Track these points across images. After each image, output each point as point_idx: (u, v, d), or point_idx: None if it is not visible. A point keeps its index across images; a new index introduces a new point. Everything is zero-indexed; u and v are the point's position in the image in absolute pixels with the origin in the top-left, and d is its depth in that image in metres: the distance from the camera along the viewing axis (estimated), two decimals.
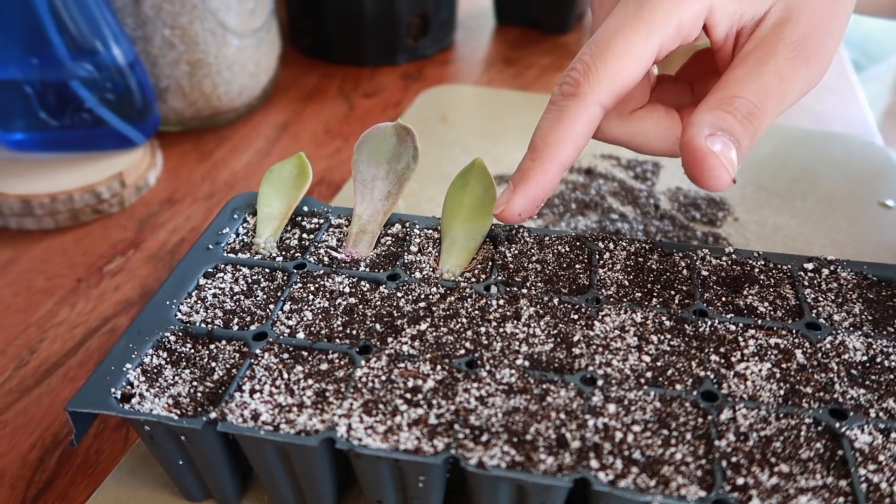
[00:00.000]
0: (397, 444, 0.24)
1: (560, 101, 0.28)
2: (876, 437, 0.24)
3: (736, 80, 0.27)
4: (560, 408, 0.25)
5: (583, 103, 0.27)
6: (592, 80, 0.27)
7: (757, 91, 0.27)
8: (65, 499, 0.32)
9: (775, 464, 0.23)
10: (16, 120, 0.49)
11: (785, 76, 0.27)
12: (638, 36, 0.27)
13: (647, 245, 0.33)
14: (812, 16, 0.28)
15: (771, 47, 0.27)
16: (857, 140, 0.55)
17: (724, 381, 0.26)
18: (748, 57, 0.28)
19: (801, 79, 0.27)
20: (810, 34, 0.27)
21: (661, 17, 0.27)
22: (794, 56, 0.27)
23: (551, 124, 0.28)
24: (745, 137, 0.27)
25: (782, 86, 0.27)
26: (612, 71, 0.27)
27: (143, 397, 0.26)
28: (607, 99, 0.28)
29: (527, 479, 0.23)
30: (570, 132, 0.28)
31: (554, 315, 0.29)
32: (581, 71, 0.27)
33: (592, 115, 0.28)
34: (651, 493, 0.23)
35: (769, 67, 0.27)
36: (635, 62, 0.27)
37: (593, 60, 0.27)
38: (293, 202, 0.35)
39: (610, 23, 0.28)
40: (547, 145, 0.28)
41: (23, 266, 0.45)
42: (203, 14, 0.52)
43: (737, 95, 0.27)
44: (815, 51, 0.27)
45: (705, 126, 0.26)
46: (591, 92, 0.27)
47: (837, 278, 0.31)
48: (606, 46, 0.27)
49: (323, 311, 0.30)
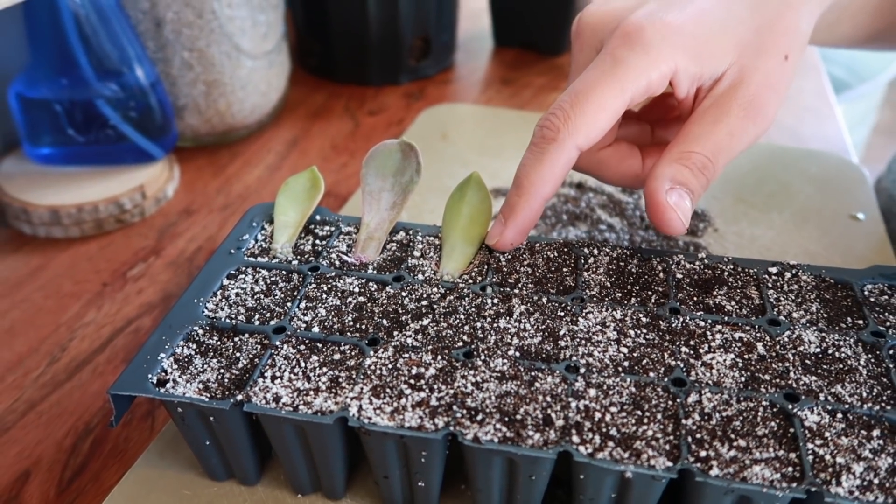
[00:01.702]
0: (402, 423, 0.27)
1: (541, 144, 0.32)
2: (824, 417, 0.27)
3: (694, 136, 0.32)
4: (546, 392, 0.29)
5: (562, 147, 0.31)
6: (571, 127, 0.31)
7: (711, 147, 0.31)
8: (98, 480, 0.35)
9: (734, 439, 0.27)
10: (45, 136, 0.53)
11: (735, 133, 0.32)
12: (612, 91, 0.31)
13: (627, 251, 0.36)
14: (762, 78, 0.32)
15: (725, 106, 0.32)
16: (831, 157, 0.58)
17: (693, 370, 0.30)
18: (705, 114, 0.32)
19: (749, 134, 0.32)
20: (759, 94, 0.32)
21: (634, 76, 0.31)
22: (744, 115, 0.32)
23: (533, 165, 0.32)
24: (698, 187, 0.32)
25: (733, 142, 0.32)
26: (589, 121, 0.31)
27: (175, 383, 0.29)
28: (583, 144, 0.32)
29: (516, 451, 0.26)
30: (550, 173, 0.32)
31: (542, 312, 0.32)
32: (561, 118, 0.31)
33: (569, 157, 0.32)
34: (624, 463, 0.26)
35: (722, 126, 0.32)
36: (608, 114, 0.31)
37: (573, 109, 0.31)
38: (307, 211, 0.38)
39: (589, 75, 0.32)
40: (530, 183, 0.32)
41: (52, 272, 0.48)
42: (219, 38, 0.56)
43: (693, 151, 0.31)
44: (762, 109, 0.32)
45: (666, 180, 0.31)
46: (570, 138, 0.31)
47: (798, 281, 0.34)
48: (585, 98, 0.31)
49: (335, 308, 0.33)
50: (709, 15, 0.32)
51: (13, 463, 0.36)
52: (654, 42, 0.31)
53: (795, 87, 0.73)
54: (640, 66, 0.31)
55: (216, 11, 0.55)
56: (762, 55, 0.32)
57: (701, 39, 0.32)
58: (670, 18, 0.32)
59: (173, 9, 0.54)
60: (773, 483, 0.25)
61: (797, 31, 0.33)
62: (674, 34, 0.31)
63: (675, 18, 0.32)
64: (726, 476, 0.25)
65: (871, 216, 0.51)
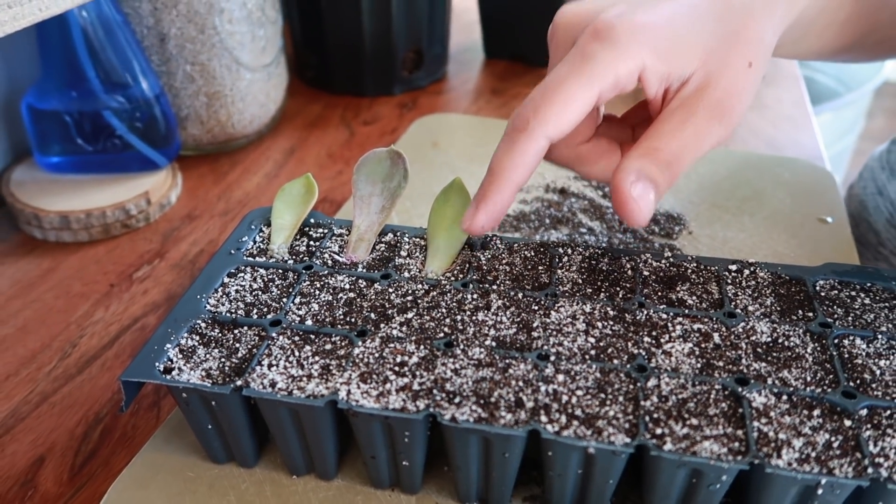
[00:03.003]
0: (387, 405, 0.30)
1: (513, 134, 0.34)
2: (770, 399, 0.30)
3: (661, 133, 0.34)
4: (519, 377, 0.31)
5: (531, 137, 0.33)
6: (540, 118, 0.33)
7: (677, 145, 0.33)
8: (107, 465, 0.38)
9: (687, 418, 0.29)
10: (54, 145, 0.56)
11: (700, 134, 0.34)
12: (580, 86, 0.33)
13: (599, 251, 0.39)
14: (728, 83, 0.34)
15: (692, 107, 0.34)
16: (803, 164, 0.61)
17: (654, 358, 0.32)
18: (673, 113, 0.34)
19: (714, 135, 0.34)
20: (725, 99, 0.34)
21: (601, 71, 0.33)
22: (710, 117, 0.33)
23: (505, 152, 0.34)
24: (663, 182, 0.33)
25: (698, 142, 0.34)
26: (557, 112, 0.33)
27: (181, 371, 0.32)
28: (553, 135, 0.33)
29: (489, 430, 0.29)
30: (521, 160, 0.34)
31: (518, 306, 0.35)
32: (531, 109, 0.33)
33: (539, 146, 0.34)
34: (587, 440, 0.28)
35: (689, 125, 0.33)
36: (577, 106, 0.33)
37: (542, 102, 0.33)
38: (302, 215, 0.41)
39: (559, 71, 0.34)
40: (502, 169, 0.34)
41: (62, 273, 0.51)
42: (220, 52, 0.59)
43: (660, 148, 0.33)
44: (728, 113, 0.34)
45: (632, 172, 0.33)
46: (539, 128, 0.33)
47: (756, 277, 0.37)
48: (554, 91, 0.33)
49: (327, 303, 0.36)
50: (677, 19, 0.34)
51: (29, 449, 0.38)
52: (623, 39, 0.33)
53: (774, 96, 0.76)
54: (608, 60, 0.33)
55: (217, 27, 0.58)
56: (728, 62, 0.34)
57: (669, 40, 0.34)
58: (639, 18, 0.33)
59: (177, 24, 0.57)
60: (721, 456, 0.28)
61: (761, 41, 0.36)
62: (642, 32, 0.33)
63: (645, 19, 0.34)
64: (679, 450, 0.28)
65: (839, 219, 0.54)
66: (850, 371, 0.32)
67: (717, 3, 0.35)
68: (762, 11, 0.36)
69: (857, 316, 0.35)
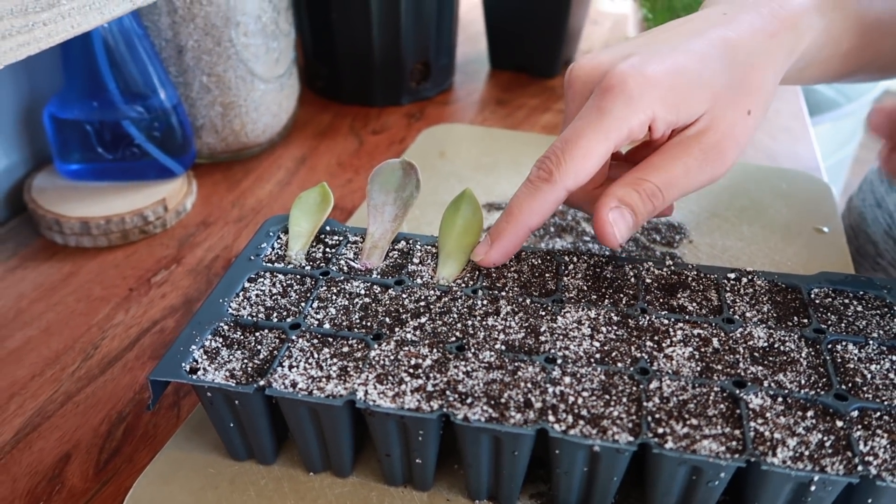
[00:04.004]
0: (402, 405, 0.32)
1: (536, 182, 0.37)
2: (766, 401, 0.32)
3: (652, 166, 0.36)
4: (528, 379, 0.33)
5: (554, 188, 0.36)
6: (562, 171, 0.36)
7: (664, 179, 0.36)
8: (131, 461, 0.39)
9: (688, 419, 0.31)
10: (75, 153, 0.57)
11: (691, 172, 0.36)
12: (598, 139, 0.35)
13: (603, 259, 0.41)
14: (726, 129, 0.36)
15: (688, 148, 0.36)
16: (801, 175, 0.63)
17: (655, 361, 0.34)
18: (668, 150, 0.37)
19: (704, 175, 0.37)
20: (720, 143, 0.36)
21: (616, 125, 0.35)
22: (703, 158, 0.36)
23: (526, 198, 0.37)
24: (643, 211, 0.36)
25: (687, 179, 0.36)
26: (578, 166, 0.36)
27: (205, 371, 0.34)
28: (572, 186, 0.36)
29: (500, 429, 0.31)
30: (539, 207, 0.37)
31: (526, 312, 0.37)
32: (554, 162, 0.36)
33: (559, 197, 0.36)
34: (593, 438, 0.30)
35: (680, 164, 0.36)
36: (594, 160, 0.36)
37: (564, 156, 0.36)
38: (318, 223, 0.43)
39: (577, 125, 0.36)
40: (521, 213, 0.37)
41: (82, 278, 0.53)
42: (236, 63, 0.61)
43: (647, 179, 0.36)
44: (721, 156, 0.36)
45: (614, 199, 0.36)
46: (561, 180, 0.36)
47: (753, 285, 0.39)
48: (575, 145, 0.36)
49: (344, 308, 0.37)
50: (688, 68, 0.36)
51: (55, 446, 0.40)
52: (636, 94, 0.35)
53: (774, 108, 0.78)
54: (623, 115, 0.35)
55: (233, 39, 0.60)
56: (729, 109, 0.37)
57: (678, 91, 0.36)
58: (650, 70, 0.36)
59: (194, 37, 0.59)
60: (719, 455, 0.29)
61: (761, 89, 0.38)
62: (653, 86, 0.35)
63: (655, 71, 0.36)
64: (679, 449, 0.30)
65: (835, 229, 0.56)
66: (842, 375, 0.33)
67: (724, 52, 0.37)
68: (764, 60, 0.38)
69: (850, 322, 0.37)
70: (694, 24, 0.39)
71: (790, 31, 0.39)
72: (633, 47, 0.38)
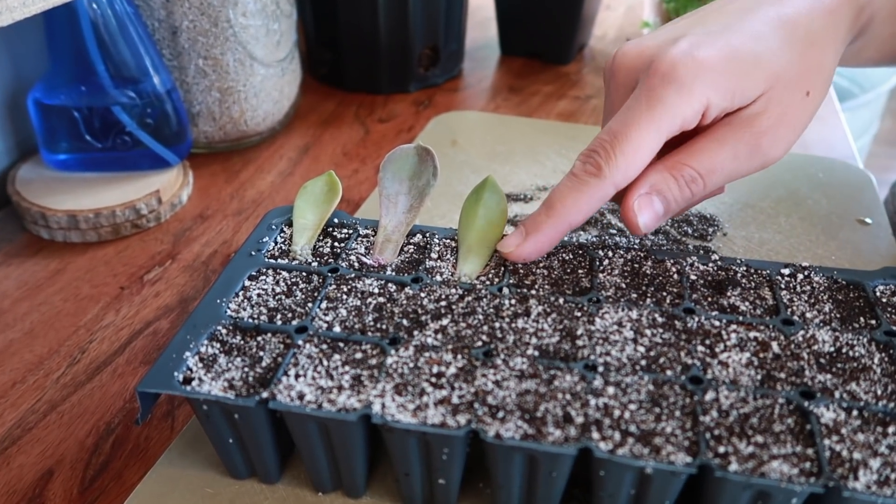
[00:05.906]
0: (425, 420, 0.28)
1: (583, 176, 0.33)
2: (840, 414, 0.28)
3: (695, 150, 0.33)
4: (566, 390, 0.29)
5: (602, 184, 0.33)
6: (613, 166, 0.32)
7: (707, 164, 0.33)
8: (120, 479, 0.36)
9: (752, 436, 0.27)
10: (62, 142, 0.54)
11: (739, 158, 0.33)
12: (650, 132, 0.32)
13: (642, 253, 0.37)
14: (782, 111, 0.33)
15: (738, 131, 0.33)
16: (838, 163, 0.59)
17: (709, 368, 0.30)
18: (716, 133, 0.33)
19: (754, 162, 0.33)
20: (776, 127, 0.33)
21: (669, 116, 0.32)
22: (755, 144, 0.33)
23: (571, 192, 0.33)
24: (679, 198, 0.33)
25: (734, 165, 0.33)
26: (629, 161, 0.32)
27: (201, 381, 0.30)
28: (622, 182, 0.33)
29: (538, 448, 0.27)
30: (586, 204, 0.33)
31: (559, 312, 0.33)
32: (603, 157, 0.32)
33: (606, 194, 0.33)
34: (644, 459, 0.26)
35: (728, 148, 0.33)
36: (645, 154, 0.32)
37: (613, 150, 0.32)
38: (325, 215, 0.39)
39: (625, 116, 0.33)
40: (564, 207, 0.33)
41: (70, 275, 0.49)
42: (234, 46, 0.57)
43: (687, 164, 0.33)
44: (775, 141, 0.33)
45: (646, 185, 0.33)
46: (611, 176, 0.32)
47: (811, 282, 0.35)
48: (625, 138, 0.32)
49: (356, 308, 0.33)
50: (741, 51, 0.33)
51: (36, 462, 0.36)
52: (688, 80, 0.32)
53: None
54: (675, 104, 0.32)
55: (231, 20, 0.56)
56: (787, 91, 0.33)
57: (732, 76, 0.33)
58: (702, 55, 0.32)
59: (189, 17, 0.55)
60: (792, 478, 0.26)
61: (821, 67, 0.35)
62: (706, 72, 0.32)
63: (707, 55, 0.32)
64: (745, 471, 0.26)
65: (878, 220, 0.52)
66: None
67: (780, 31, 0.34)
68: (823, 38, 0.35)
69: None
70: (745, 2, 0.35)
71: (849, 6, 0.36)
72: (681, 30, 0.34)
